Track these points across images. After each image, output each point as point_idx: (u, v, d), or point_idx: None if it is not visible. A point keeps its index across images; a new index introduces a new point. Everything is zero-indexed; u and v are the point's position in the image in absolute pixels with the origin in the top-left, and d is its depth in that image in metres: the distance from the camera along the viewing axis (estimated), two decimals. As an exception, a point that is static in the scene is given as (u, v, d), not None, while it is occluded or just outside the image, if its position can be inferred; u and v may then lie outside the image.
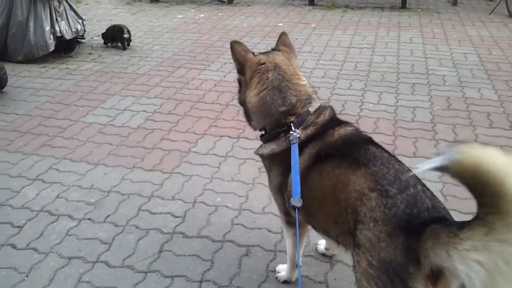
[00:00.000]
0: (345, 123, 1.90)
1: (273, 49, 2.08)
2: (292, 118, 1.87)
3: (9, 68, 5.14)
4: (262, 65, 1.93)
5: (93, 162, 3.45)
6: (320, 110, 1.90)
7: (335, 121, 1.89)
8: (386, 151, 1.73)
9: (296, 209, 1.70)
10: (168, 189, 3.10)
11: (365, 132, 1.91)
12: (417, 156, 3.37)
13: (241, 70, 1.97)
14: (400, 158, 1.71)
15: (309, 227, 2.02)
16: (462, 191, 2.94)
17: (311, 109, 1.90)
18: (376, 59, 5.51)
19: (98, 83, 5.04)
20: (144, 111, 4.30)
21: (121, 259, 2.49)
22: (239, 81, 2.03)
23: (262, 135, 2.02)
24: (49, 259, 2.51)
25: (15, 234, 2.71)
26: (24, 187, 3.16)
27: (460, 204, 2.79)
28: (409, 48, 5.89)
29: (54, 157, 3.54)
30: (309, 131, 1.84)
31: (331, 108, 1.94)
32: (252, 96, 1.94)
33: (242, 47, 1.97)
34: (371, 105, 4.25)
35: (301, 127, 1.85)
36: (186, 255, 2.52)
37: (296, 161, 1.75)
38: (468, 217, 2.62)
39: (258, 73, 1.92)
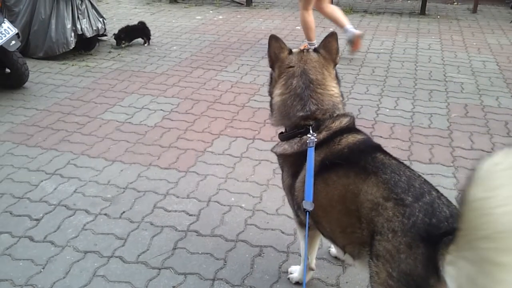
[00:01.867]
0: (356, 131, 1.87)
1: (314, 49, 2.02)
2: (311, 122, 1.87)
3: (30, 64, 5.23)
4: (290, 69, 1.92)
5: (110, 159, 3.50)
6: (337, 117, 1.88)
7: (348, 130, 1.86)
8: (394, 158, 1.70)
9: (307, 213, 1.70)
10: (183, 188, 3.13)
11: (380, 137, 1.90)
12: (433, 162, 3.35)
13: (272, 66, 2.01)
14: (415, 164, 1.71)
15: None
16: (478, 199, 2.92)
17: (332, 116, 1.90)
18: (393, 65, 5.49)
19: (117, 81, 5.11)
20: (161, 110, 4.35)
21: (135, 255, 2.53)
22: (271, 75, 2.06)
23: (281, 133, 2.03)
24: (65, 252, 2.56)
25: (32, 227, 2.77)
26: (42, 181, 3.23)
27: (475, 212, 2.77)
28: (427, 55, 5.86)
29: (72, 152, 3.61)
30: (321, 136, 1.84)
31: (351, 117, 1.91)
32: (276, 95, 1.96)
33: (279, 43, 1.97)
34: (387, 110, 4.24)
35: (317, 132, 1.85)
36: (199, 253, 2.54)
37: (311, 164, 1.75)
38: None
39: (285, 75, 1.93)
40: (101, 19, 6.05)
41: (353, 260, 1.73)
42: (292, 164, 1.91)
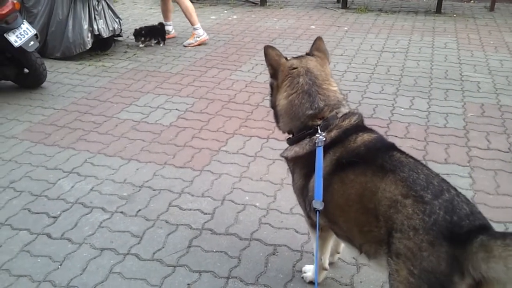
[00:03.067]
0: (369, 129, 1.89)
1: (307, 54, 2.10)
2: (319, 122, 1.88)
3: (48, 64, 5.31)
4: (294, 70, 1.95)
5: (126, 158, 3.55)
6: (347, 115, 1.90)
7: (360, 128, 1.88)
8: (411, 157, 1.71)
9: (317, 212, 1.71)
10: (198, 186, 3.16)
11: (395, 137, 1.90)
12: (449, 162, 3.32)
13: (274, 74, 2.00)
14: (431, 164, 1.70)
15: None
16: (494, 199, 2.90)
17: (339, 114, 1.90)
18: (409, 64, 5.45)
19: (133, 81, 5.16)
20: (176, 109, 4.38)
21: (151, 253, 2.56)
22: (271, 85, 2.06)
23: (289, 138, 2.04)
24: (82, 249, 2.61)
25: (50, 224, 2.82)
26: (59, 179, 3.28)
27: (492, 212, 2.75)
28: (443, 54, 5.80)
29: (89, 151, 3.66)
30: (332, 134, 1.84)
31: (359, 114, 1.93)
32: (281, 99, 1.96)
33: (275, 51, 2.00)
34: (402, 109, 4.21)
35: (327, 131, 1.85)
36: (214, 251, 2.56)
37: (320, 163, 1.76)
38: (500, 226, 2.59)
39: (290, 77, 1.95)
40: (117, 20, 6.12)
41: (369, 260, 1.73)
42: (304, 165, 1.91)
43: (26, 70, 4.89)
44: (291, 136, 2.02)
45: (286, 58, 2.03)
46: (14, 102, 4.67)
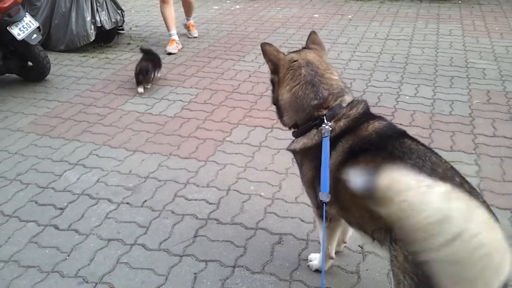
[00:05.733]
0: (379, 117, 1.88)
1: (303, 48, 2.11)
2: (325, 112, 1.87)
3: (51, 57, 5.31)
4: (295, 62, 1.96)
5: (131, 149, 3.56)
6: (353, 103, 1.90)
7: (368, 115, 1.88)
8: (422, 144, 1.70)
9: (324, 204, 1.70)
10: (203, 177, 3.17)
11: (400, 125, 1.90)
12: (454, 150, 3.31)
13: (274, 69, 1.99)
14: (436, 152, 1.68)
15: (343, 220, 2.04)
16: (500, 186, 2.89)
17: (344, 103, 1.90)
18: (413, 51, 5.40)
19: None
20: (180, 100, 4.38)
21: (157, 243, 2.58)
22: (272, 81, 2.05)
23: (294, 132, 2.03)
24: (89, 240, 2.63)
25: (57, 216, 2.84)
26: (65, 171, 3.30)
27: (497, 199, 2.74)
28: (448, 41, 5.75)
29: (94, 143, 3.67)
30: (341, 123, 1.84)
31: (365, 102, 1.93)
32: (284, 93, 1.96)
33: (273, 47, 2.00)
34: (407, 97, 4.19)
35: (334, 120, 1.85)
36: (220, 240, 2.58)
37: (326, 155, 1.75)
38: (506, 213, 2.58)
39: (291, 70, 1.94)
40: (119, 11, 6.10)
41: (381, 247, 1.73)
42: (314, 156, 1.88)
43: (30, 63, 4.89)
44: (296, 129, 2.01)
45: (283, 54, 2.03)
46: (18, 95, 4.69)
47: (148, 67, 4.52)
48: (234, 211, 2.81)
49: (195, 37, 6.37)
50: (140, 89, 4.55)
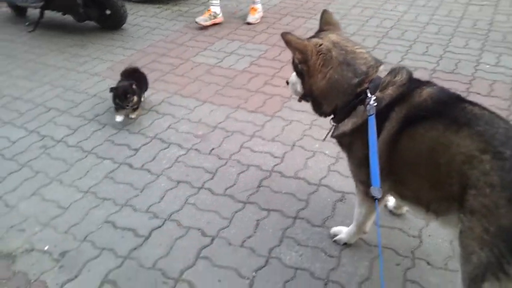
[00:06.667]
0: (428, 82, 1.79)
1: (319, 31, 1.99)
2: (366, 85, 1.79)
3: (128, 7, 5.45)
4: (322, 46, 1.83)
5: (201, 99, 3.66)
6: (395, 70, 1.81)
7: (417, 81, 1.79)
8: (485, 108, 1.59)
9: (376, 201, 1.64)
10: (269, 131, 3.22)
11: (478, 94, 1.80)
12: (534, 124, 3.12)
13: (303, 58, 1.85)
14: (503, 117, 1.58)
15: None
16: None
17: (381, 73, 1.82)
18: (498, 18, 5.05)
19: (208, 26, 5.22)
20: (249, 55, 4.41)
21: (223, 188, 2.69)
22: (300, 73, 1.92)
23: (333, 117, 1.96)
24: (160, 180, 2.79)
25: (131, 156, 3.02)
26: (140, 116, 3.47)
27: None
28: (539, 8, 5.31)
29: (166, 91, 3.81)
30: (390, 91, 1.75)
31: (406, 68, 1.83)
32: (318, 81, 1.85)
33: (295, 35, 1.85)
34: (487, 66, 3.96)
35: (379, 90, 1.76)
36: (282, 192, 2.64)
37: (373, 137, 1.67)
38: None
39: (321, 54, 1.82)
40: (194, -36, 6.12)
41: (436, 218, 1.70)
42: (366, 133, 1.76)
43: (108, 12, 5.08)
44: (334, 115, 1.94)
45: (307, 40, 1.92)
46: (97, 42, 4.92)
47: (130, 88, 3.27)
48: (298, 166, 2.85)
49: None
50: (119, 118, 3.34)
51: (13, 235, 2.43)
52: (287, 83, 2.14)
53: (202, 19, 5.12)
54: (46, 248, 2.34)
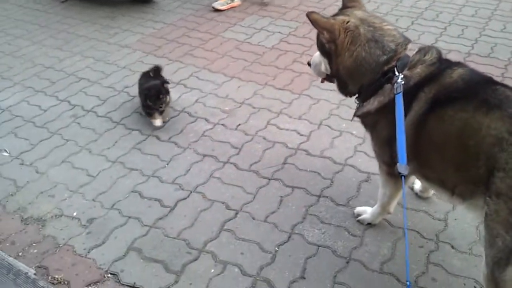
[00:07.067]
0: (459, 62, 1.73)
1: (342, 8, 1.91)
2: (394, 63, 1.74)
3: (159, -20, 5.48)
4: (349, 23, 1.77)
5: (229, 75, 3.66)
6: (424, 49, 1.76)
7: (448, 61, 1.74)
8: None
9: (403, 177, 1.59)
10: (296, 109, 3.20)
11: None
12: None
13: (331, 37, 1.79)
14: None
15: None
16: None
17: (409, 52, 1.76)
18: (539, 2, 4.85)
19: (225, 9, 5.14)
20: (279, 32, 4.36)
21: (248, 164, 2.70)
22: (328, 53, 1.86)
23: (358, 96, 1.92)
24: (186, 153, 2.82)
25: (159, 128, 3.06)
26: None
27: None
28: None
29: (195, 66, 3.82)
30: (419, 69, 1.71)
31: (436, 47, 1.78)
32: (346, 59, 1.80)
33: (319, 15, 1.78)
34: (525, 51, 3.83)
35: (407, 68, 1.72)
36: (307, 170, 2.64)
37: (401, 115, 1.63)
38: None
39: (349, 31, 1.76)
40: None
41: (462, 201, 1.67)
42: (393, 111, 1.70)
43: (139, -16, 5.10)
44: (359, 94, 1.90)
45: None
46: (128, 14, 4.94)
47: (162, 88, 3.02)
48: (324, 145, 2.84)
49: None
50: (158, 122, 3.06)
51: (43, 200, 2.51)
52: (309, 64, 2.11)
53: (219, 4, 4.94)
54: (74, 214, 2.41)
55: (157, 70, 3.29)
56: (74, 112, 3.27)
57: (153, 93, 2.94)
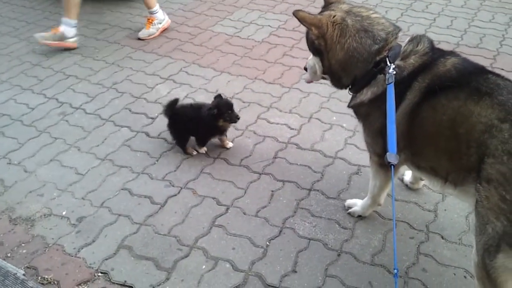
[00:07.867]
0: (452, 52, 1.75)
1: (325, 5, 1.93)
2: (385, 53, 1.73)
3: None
4: (336, 17, 1.78)
5: (218, 70, 3.64)
6: (416, 38, 1.76)
7: (440, 50, 1.74)
8: (508, 79, 1.57)
9: (392, 167, 1.59)
10: (286, 103, 3.19)
11: (501, 70, 1.75)
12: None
13: (320, 33, 1.80)
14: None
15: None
16: None
17: (401, 41, 1.76)
18: (528, -9, 4.85)
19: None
20: (269, 25, 4.34)
21: (239, 159, 2.69)
22: (318, 50, 1.87)
23: (351, 87, 1.91)
24: (176, 149, 2.80)
25: (148, 124, 3.04)
26: (157, 85, 3.47)
27: None
28: None
29: (184, 60, 3.80)
30: (412, 60, 1.71)
31: (427, 36, 1.78)
32: (337, 53, 1.81)
33: (306, 13, 1.80)
34: (513, 41, 3.84)
35: (400, 58, 1.72)
36: (298, 164, 2.64)
37: (392, 105, 1.63)
38: None
39: (337, 24, 1.77)
40: None
41: (455, 189, 1.68)
42: (386, 102, 1.72)
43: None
44: (352, 85, 1.90)
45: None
46: (116, 10, 4.89)
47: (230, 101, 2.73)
48: (314, 139, 2.83)
49: None
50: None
51: (32, 199, 2.49)
52: (305, 69, 2.11)
53: (145, 33, 4.21)
54: (63, 213, 2.39)
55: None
56: (62, 110, 3.24)
57: (225, 106, 2.61)
